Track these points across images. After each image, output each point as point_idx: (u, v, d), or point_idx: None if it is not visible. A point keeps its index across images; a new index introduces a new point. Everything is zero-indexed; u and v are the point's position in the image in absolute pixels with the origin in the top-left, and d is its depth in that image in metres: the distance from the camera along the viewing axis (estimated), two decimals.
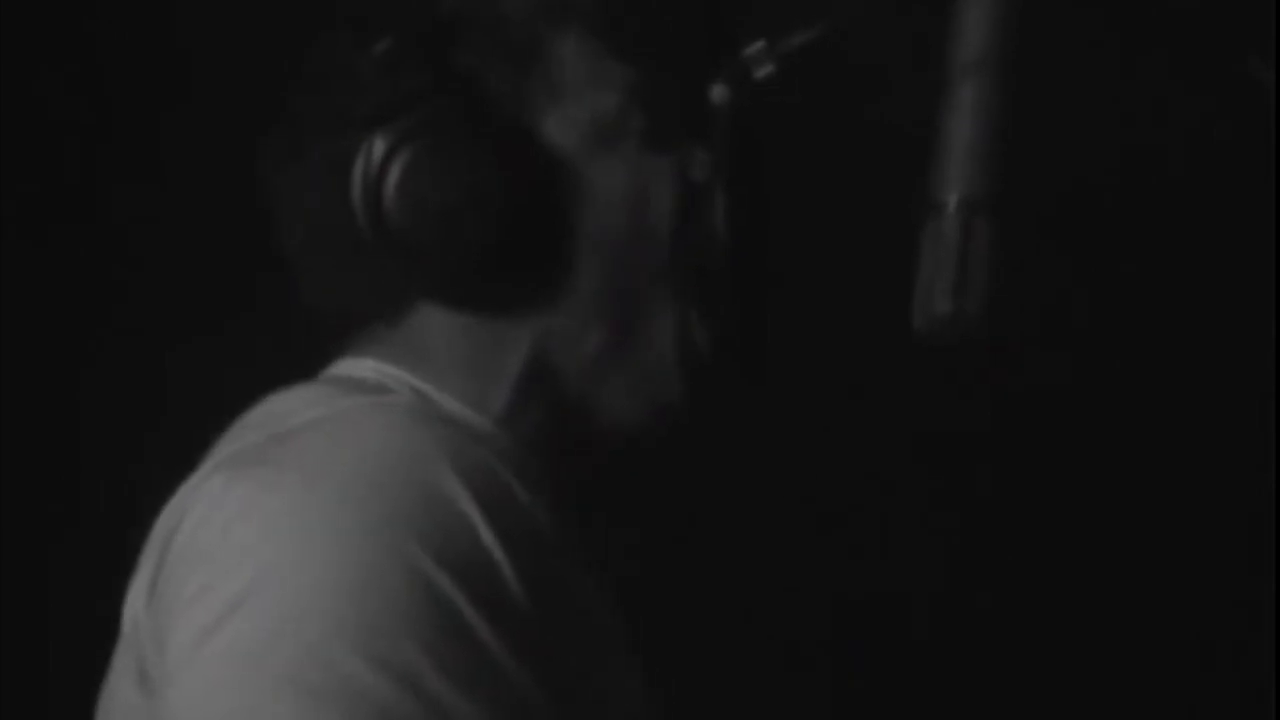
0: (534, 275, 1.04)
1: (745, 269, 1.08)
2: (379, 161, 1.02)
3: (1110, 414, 1.89)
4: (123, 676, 0.98)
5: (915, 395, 1.86)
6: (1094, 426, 1.90)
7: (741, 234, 1.07)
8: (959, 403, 1.87)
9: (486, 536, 0.91)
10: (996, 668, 1.88)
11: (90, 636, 1.08)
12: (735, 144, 1.06)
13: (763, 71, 1.06)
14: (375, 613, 0.87)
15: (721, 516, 1.85)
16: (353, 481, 0.91)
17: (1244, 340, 1.82)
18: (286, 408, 1.00)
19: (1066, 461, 1.90)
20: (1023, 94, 0.96)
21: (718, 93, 1.06)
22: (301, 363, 1.09)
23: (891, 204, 1.07)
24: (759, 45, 1.06)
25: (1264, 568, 1.81)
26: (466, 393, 1.04)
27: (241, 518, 0.92)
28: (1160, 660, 1.88)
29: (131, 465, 1.62)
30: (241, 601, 0.88)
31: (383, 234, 1.02)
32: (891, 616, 1.91)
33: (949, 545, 1.91)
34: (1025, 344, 1.63)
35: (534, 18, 1.06)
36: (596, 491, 1.10)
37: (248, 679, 0.86)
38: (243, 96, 1.14)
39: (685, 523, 1.80)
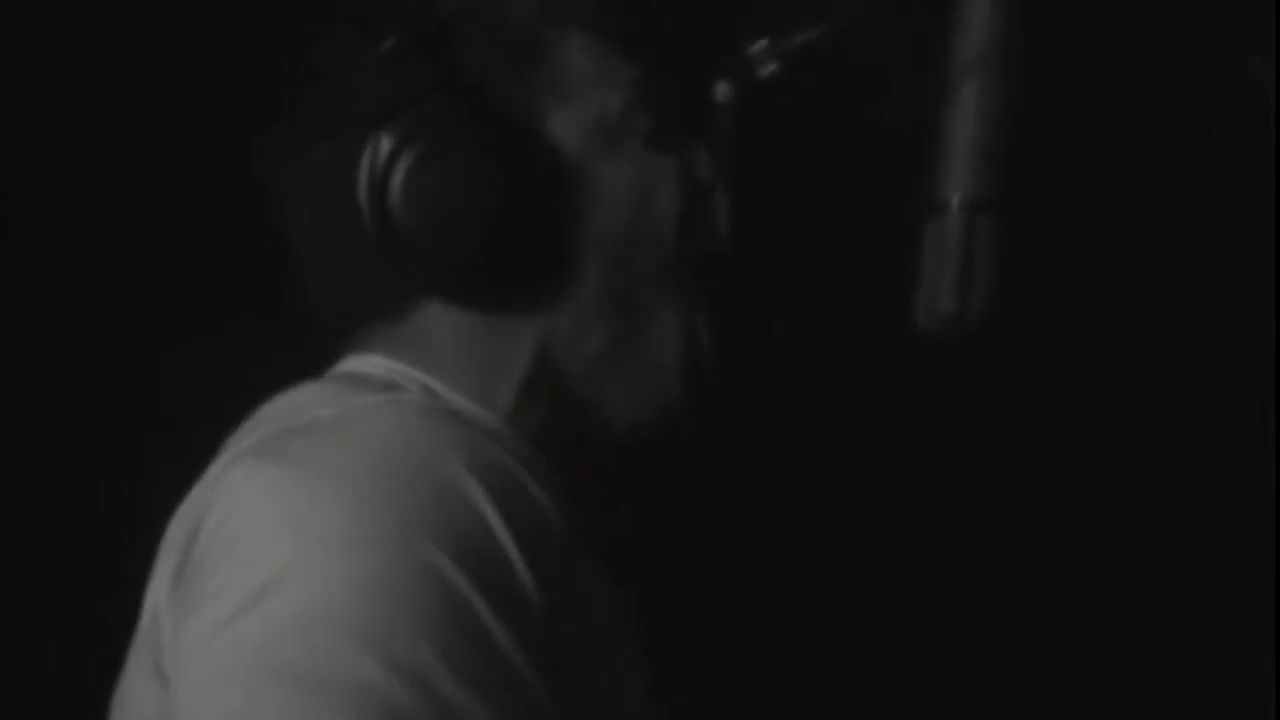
0: (538, 274, 1.04)
1: (749, 267, 1.08)
2: (384, 161, 1.02)
3: (1110, 414, 1.89)
4: (139, 669, 0.98)
5: (916, 394, 1.86)
6: (1094, 426, 1.90)
7: (745, 233, 1.07)
8: (959, 403, 1.87)
9: (501, 534, 0.91)
10: (996, 667, 1.88)
11: (90, 636, 1.09)
12: (739, 143, 1.06)
13: (766, 70, 1.06)
14: (389, 612, 0.87)
15: (723, 514, 1.85)
16: (369, 479, 0.91)
17: (1244, 340, 1.82)
18: (300, 403, 1.00)
19: (1067, 461, 1.90)
20: (1024, 93, 0.96)
21: (721, 91, 1.06)
22: (303, 362, 1.09)
23: (894, 202, 1.07)
24: (762, 44, 1.06)
25: (1264, 568, 1.81)
26: (472, 390, 1.04)
27: (261, 512, 0.92)
28: (1160, 660, 1.88)
29: (131, 465, 1.63)
30: (258, 598, 0.88)
31: (387, 233, 1.02)
32: (889, 616, 1.91)
33: (949, 545, 1.91)
34: (1026, 343, 1.63)
35: (537, 17, 1.06)
36: (600, 488, 1.10)
37: (257, 672, 0.86)
38: (243, 96, 1.14)
39: (688, 521, 1.80)
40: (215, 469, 0.98)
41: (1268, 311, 1.77)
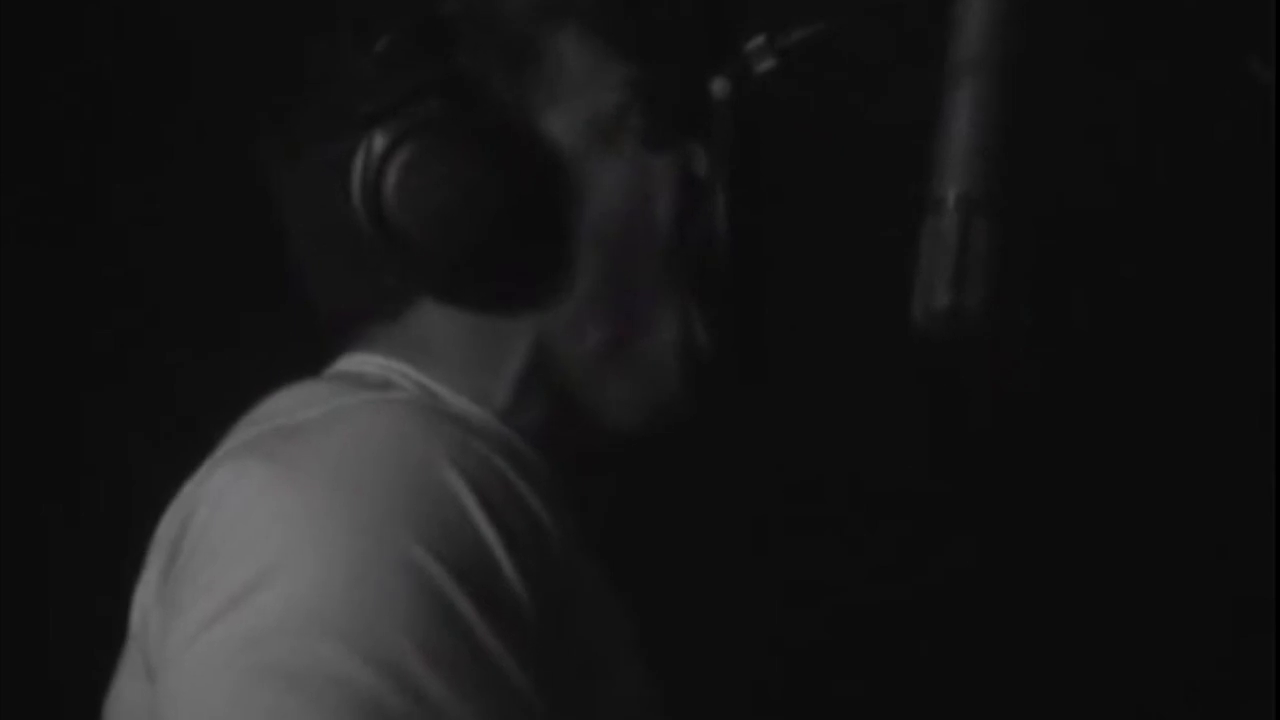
0: (534, 273, 1.04)
1: (745, 265, 1.08)
2: (379, 160, 1.02)
3: (1110, 414, 1.89)
4: (130, 671, 0.99)
5: (915, 395, 1.86)
6: (1094, 425, 1.90)
7: (741, 230, 1.07)
8: (959, 403, 1.87)
9: (486, 532, 0.91)
10: (996, 668, 1.88)
11: (91, 636, 1.09)
12: (735, 140, 1.06)
13: (763, 67, 1.06)
14: (371, 608, 0.87)
15: (721, 515, 1.85)
16: (353, 478, 0.91)
17: (1244, 340, 1.82)
18: (292, 403, 1.00)
19: (1066, 461, 1.90)
20: (1022, 92, 0.96)
21: (718, 87, 1.06)
22: (304, 361, 1.09)
23: (891, 200, 1.07)
24: (759, 40, 1.06)
25: (1264, 568, 1.81)
26: (469, 389, 1.05)
27: (246, 513, 0.92)
28: (1160, 660, 1.88)
29: (132, 465, 1.63)
30: (242, 596, 0.88)
31: (383, 232, 1.02)
32: (892, 617, 1.91)
33: (949, 545, 1.91)
34: (1024, 342, 1.63)
35: (532, 16, 1.06)
36: (597, 488, 1.10)
37: (241, 670, 0.87)
38: (243, 96, 1.14)
39: (685, 520, 1.80)
40: (204, 470, 0.98)
41: (1268, 311, 1.77)
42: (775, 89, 1.06)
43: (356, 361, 1.08)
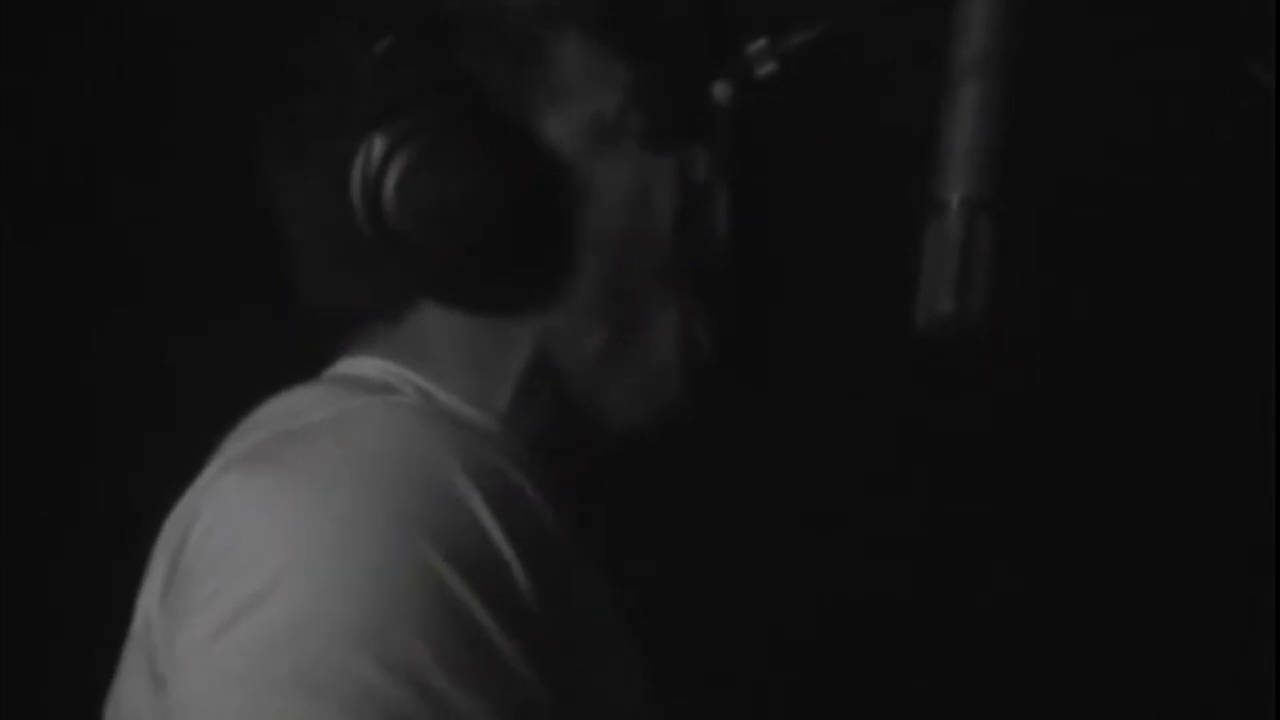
0: (534, 275, 1.04)
1: (746, 268, 1.08)
2: (378, 161, 1.02)
3: (1111, 413, 1.90)
4: (133, 675, 0.99)
5: (915, 395, 1.86)
6: (1094, 426, 1.90)
7: (742, 233, 1.07)
8: (959, 403, 1.87)
9: (496, 536, 0.91)
10: (996, 667, 1.88)
11: (90, 636, 1.09)
12: (737, 143, 1.06)
13: (765, 69, 1.06)
14: (385, 613, 0.87)
15: (721, 516, 1.85)
16: (363, 482, 0.91)
17: (1244, 340, 1.82)
18: (295, 407, 1.00)
19: (1067, 462, 1.90)
20: (1024, 93, 0.96)
21: (720, 90, 1.06)
22: (304, 362, 1.09)
23: (893, 203, 1.07)
24: (761, 43, 1.06)
25: (1264, 568, 1.81)
26: (470, 391, 1.05)
27: (254, 519, 0.92)
28: (1160, 660, 1.88)
29: (132, 465, 1.63)
30: (254, 602, 0.88)
31: (383, 233, 1.02)
32: (889, 616, 1.91)
33: (948, 545, 1.91)
34: (1026, 343, 1.63)
35: (534, 18, 1.06)
36: (598, 489, 1.10)
37: (256, 677, 0.87)
38: (243, 96, 1.14)
39: (685, 522, 1.80)
40: (207, 475, 0.98)
41: (1268, 312, 1.77)
42: (777, 91, 1.06)
43: (356, 364, 1.07)
